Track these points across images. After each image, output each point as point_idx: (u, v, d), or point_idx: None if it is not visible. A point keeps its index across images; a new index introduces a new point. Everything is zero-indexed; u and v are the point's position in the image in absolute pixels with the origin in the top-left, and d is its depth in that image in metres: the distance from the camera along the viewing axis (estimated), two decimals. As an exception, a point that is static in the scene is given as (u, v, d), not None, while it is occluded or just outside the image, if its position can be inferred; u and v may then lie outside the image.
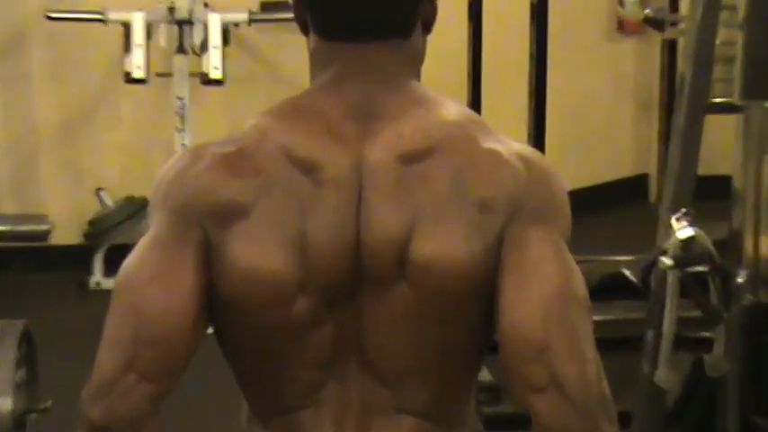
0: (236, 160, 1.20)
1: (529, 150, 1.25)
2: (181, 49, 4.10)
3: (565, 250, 1.20)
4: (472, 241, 1.19)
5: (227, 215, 1.19)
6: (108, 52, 4.30)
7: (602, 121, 5.14)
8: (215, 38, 3.99)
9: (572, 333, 1.16)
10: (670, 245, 2.19)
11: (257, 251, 1.18)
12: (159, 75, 4.14)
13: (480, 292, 1.20)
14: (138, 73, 3.93)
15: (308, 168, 1.20)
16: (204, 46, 4.02)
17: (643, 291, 2.37)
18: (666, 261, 2.17)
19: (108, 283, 4.14)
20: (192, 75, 4.08)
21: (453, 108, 1.25)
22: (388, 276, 1.20)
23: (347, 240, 1.19)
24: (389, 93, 1.24)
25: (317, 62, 1.27)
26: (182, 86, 4.12)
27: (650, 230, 2.61)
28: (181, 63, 4.11)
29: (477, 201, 1.19)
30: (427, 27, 1.29)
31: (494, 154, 1.21)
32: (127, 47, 3.96)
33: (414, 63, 1.28)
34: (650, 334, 2.31)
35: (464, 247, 1.18)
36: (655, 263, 2.25)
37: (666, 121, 4.86)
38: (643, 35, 5.05)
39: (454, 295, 1.20)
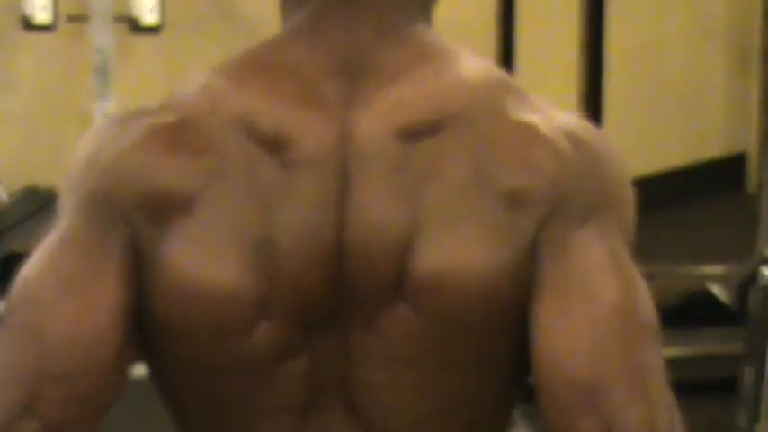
0: (177, 134, 1.21)
1: (578, 123, 1.24)
2: (101, -16, 4.12)
3: (625, 257, 1.21)
4: (497, 248, 1.19)
5: (163, 208, 1.19)
6: (0, -12, 4.30)
7: (682, 82, 5.16)
8: (148, -33, 4.01)
9: (635, 370, 1.17)
10: (775, 251, 2.20)
11: (203, 257, 1.19)
12: (71, 19, 4.15)
13: (509, 318, 1.20)
14: (42, 16, 3.94)
15: (275, 146, 1.20)
16: (133, -21, 4.04)
17: (738, 314, 2.38)
18: (770, 273, 2.18)
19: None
20: (116, 18, 4.09)
21: (474, 64, 1.24)
22: (381, 295, 1.20)
23: (326, 244, 1.20)
24: (386, 42, 1.24)
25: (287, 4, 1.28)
26: (102, 35, 4.13)
27: (748, 231, 2.62)
28: (101, 2, 4.12)
29: (504, 193, 1.19)
30: None
31: (529, 128, 1.21)
32: (26, -20, 3.98)
33: (422, 2, 1.28)
34: (747, 372, 2.32)
35: (486, 256, 1.19)
36: (754, 277, 2.26)
37: (770, 80, 4.87)
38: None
39: (472, 323, 1.20)
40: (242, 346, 1.20)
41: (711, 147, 5.24)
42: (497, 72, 1.25)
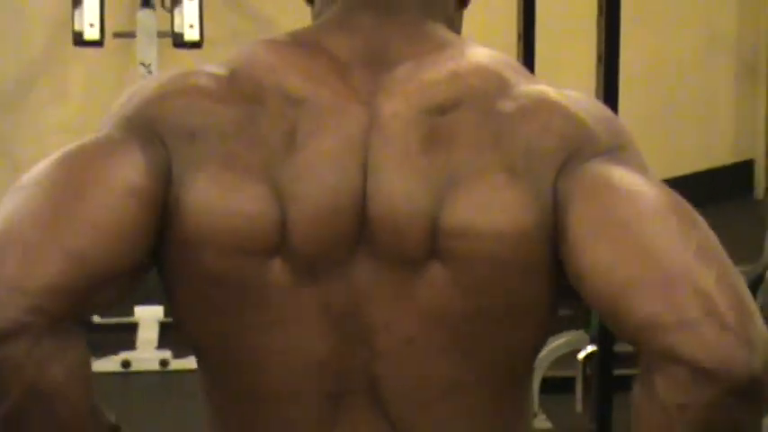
0: (222, 84, 1.27)
1: (581, 93, 1.29)
2: (146, 3, 4.12)
3: (652, 175, 1.23)
4: (520, 194, 1.21)
5: (198, 139, 1.24)
6: (52, 6, 4.32)
7: (693, 93, 5.14)
8: (190, -13, 4.01)
9: (705, 247, 1.16)
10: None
11: (230, 184, 1.22)
12: (118, 35, 4.16)
13: (536, 258, 1.22)
14: (90, 33, 3.94)
15: (306, 109, 1.24)
16: (176, -3, 4.04)
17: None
18: (777, 275, 2.17)
19: None
20: (160, 35, 4.10)
21: (484, 51, 1.30)
22: (411, 255, 1.21)
23: (348, 201, 1.22)
24: (407, 37, 1.29)
25: (320, 3, 1.34)
26: (147, 50, 4.13)
27: (756, 234, 2.61)
28: (146, 20, 4.12)
29: (522, 148, 1.22)
30: (463, 0, 1.37)
31: (538, 95, 1.26)
32: (76, -1, 3.99)
33: (443, 18, 1.34)
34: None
35: (511, 201, 1.21)
36: (762, 278, 2.25)
37: (777, 91, 4.84)
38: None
39: (502, 265, 1.21)
40: (258, 271, 1.22)
41: (721, 155, 5.22)
42: (504, 56, 1.31)
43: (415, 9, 1.31)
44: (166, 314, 3.96)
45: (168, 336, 3.92)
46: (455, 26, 1.36)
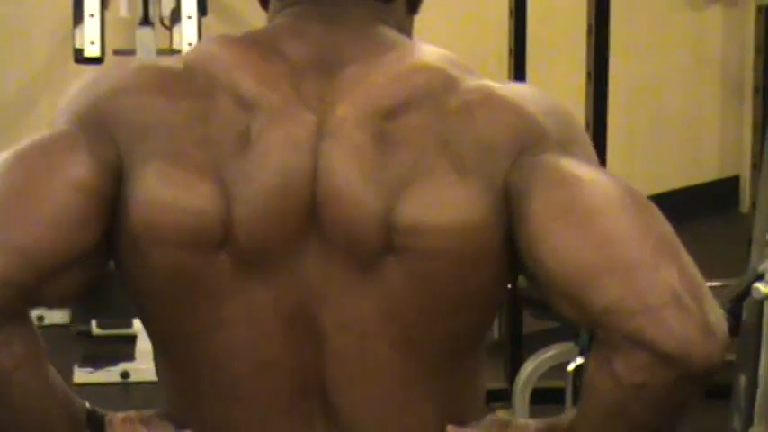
0: (173, 79, 1.27)
1: (528, 86, 1.31)
2: (146, 21, 4.12)
3: (600, 168, 1.25)
4: (472, 190, 1.23)
5: (148, 134, 1.24)
6: (54, 24, 4.32)
7: (680, 111, 5.15)
8: (189, 6, 4.01)
9: (665, 238, 1.19)
10: (767, 267, 2.19)
11: (178, 180, 1.23)
12: (118, 52, 4.17)
13: (493, 252, 1.23)
14: (91, 50, 3.95)
15: (254, 108, 1.25)
16: (175, 16, 4.04)
17: (732, 326, 2.38)
18: (763, 288, 2.18)
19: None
20: (159, 52, 4.10)
21: (431, 50, 1.31)
22: (363, 254, 1.23)
23: (297, 203, 1.23)
24: (356, 41, 1.30)
25: (274, 9, 1.35)
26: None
27: (741, 249, 2.62)
28: (146, 38, 4.13)
29: (473, 143, 1.24)
30: (413, 4, 1.37)
31: (485, 90, 1.27)
32: (77, 17, 3.99)
33: (392, 23, 1.34)
34: (742, 380, 2.31)
35: (462, 197, 1.22)
36: (747, 291, 2.26)
37: (763, 109, 4.86)
38: (733, 0, 5.06)
39: (454, 258, 1.22)
40: (206, 268, 1.24)
41: (708, 171, 5.23)
42: (450, 54, 1.31)
43: (365, 15, 1.31)
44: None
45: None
46: (405, 31, 1.36)
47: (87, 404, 1.31)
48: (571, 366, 2.99)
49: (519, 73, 3.74)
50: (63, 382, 1.29)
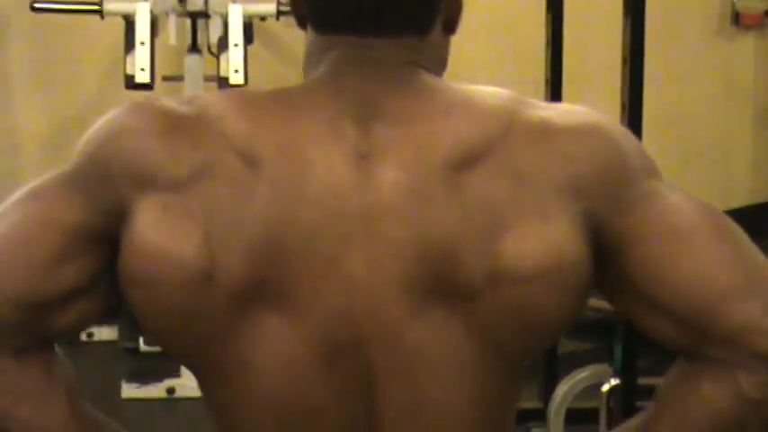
0: (183, 125, 1.22)
1: (588, 112, 1.25)
2: (194, 48, 4.16)
3: (688, 194, 1.24)
4: (561, 224, 1.19)
5: (149, 183, 1.20)
6: (106, 51, 4.36)
7: (712, 138, 5.14)
8: (236, 34, 4.04)
9: (750, 268, 1.20)
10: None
11: (172, 229, 1.19)
12: (167, 78, 4.20)
13: (577, 288, 1.20)
14: (141, 76, 3.98)
15: (260, 166, 1.19)
16: (223, 44, 4.07)
17: None
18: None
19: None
20: (207, 78, 4.13)
21: (479, 91, 1.23)
22: (461, 298, 1.17)
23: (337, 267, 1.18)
24: (394, 90, 1.22)
25: (311, 59, 1.28)
26: (195, 93, 4.16)
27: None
28: (194, 64, 4.16)
29: (550, 188, 1.19)
30: (450, 26, 1.29)
31: (550, 122, 1.21)
32: (128, 44, 4.02)
33: (431, 65, 1.27)
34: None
35: (542, 242, 1.18)
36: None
37: (792, 137, 4.85)
38: (764, 30, 5.05)
39: (547, 305, 1.19)
40: (196, 302, 1.20)
41: (738, 196, 5.22)
42: (505, 91, 1.24)
43: (400, 60, 1.24)
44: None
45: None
46: (441, 58, 1.29)
47: None
48: (605, 387, 2.99)
49: (555, 102, 3.76)
50: (104, 420, 1.27)
